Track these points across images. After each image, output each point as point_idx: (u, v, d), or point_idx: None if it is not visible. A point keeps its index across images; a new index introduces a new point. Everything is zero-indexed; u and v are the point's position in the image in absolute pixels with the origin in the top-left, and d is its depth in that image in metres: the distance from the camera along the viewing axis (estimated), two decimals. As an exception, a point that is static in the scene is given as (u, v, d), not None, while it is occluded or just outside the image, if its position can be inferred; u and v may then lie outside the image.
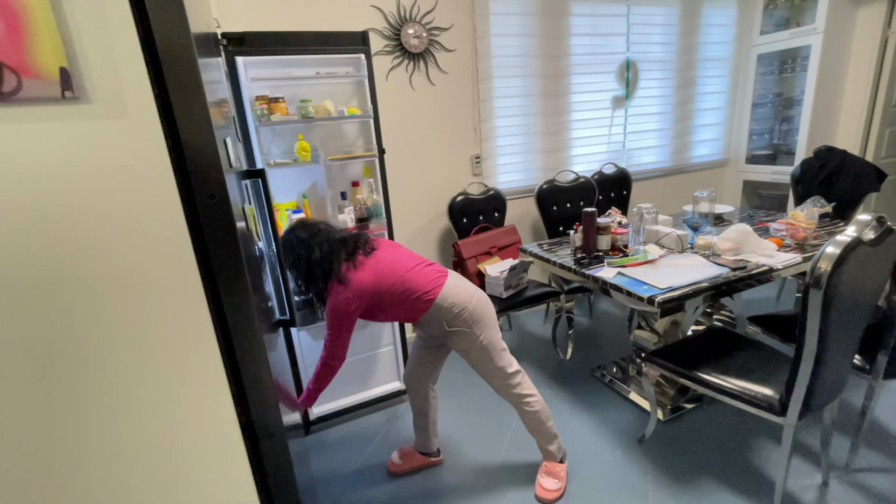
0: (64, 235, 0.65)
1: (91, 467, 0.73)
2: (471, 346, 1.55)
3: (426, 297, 1.49)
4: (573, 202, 3.00)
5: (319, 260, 1.43)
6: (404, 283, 1.48)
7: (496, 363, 1.58)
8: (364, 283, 1.44)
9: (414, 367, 1.77)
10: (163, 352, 0.75)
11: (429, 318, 1.53)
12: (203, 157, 0.73)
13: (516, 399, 1.64)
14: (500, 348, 1.59)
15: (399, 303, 1.49)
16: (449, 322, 1.52)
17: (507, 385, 1.61)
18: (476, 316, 1.53)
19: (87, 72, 0.62)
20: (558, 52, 2.96)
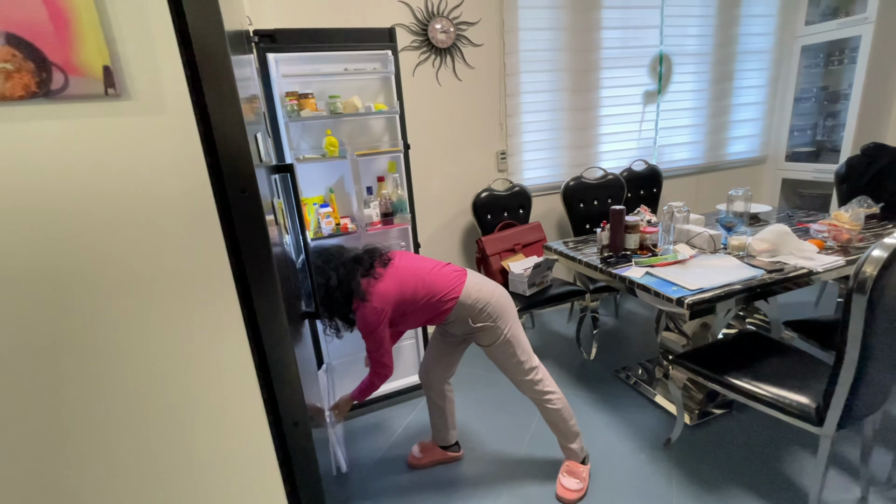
0: (104, 225, 0.68)
1: (119, 451, 0.77)
2: (495, 341, 1.56)
3: (450, 297, 1.51)
4: (600, 200, 2.94)
5: (338, 284, 1.44)
6: (426, 285, 1.51)
7: (519, 357, 1.59)
8: (388, 290, 1.47)
9: (430, 364, 1.78)
10: (193, 340, 0.77)
11: (454, 318, 1.55)
12: (234, 152, 0.75)
13: (538, 395, 1.63)
14: (523, 342, 1.60)
15: (423, 307, 1.52)
16: (474, 318, 1.53)
17: (529, 381, 1.61)
18: (499, 310, 1.55)
19: (128, 70, 0.65)
20: (588, 45, 2.89)
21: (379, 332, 1.48)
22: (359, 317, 1.47)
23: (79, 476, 0.75)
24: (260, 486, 0.89)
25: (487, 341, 1.57)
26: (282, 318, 0.85)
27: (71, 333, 0.69)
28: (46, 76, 0.61)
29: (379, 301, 1.46)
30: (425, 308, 1.52)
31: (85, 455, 0.74)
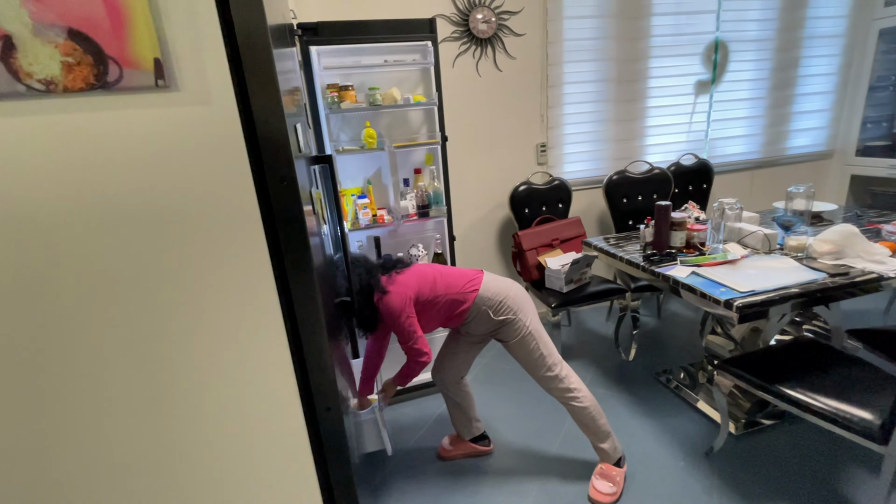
0: (150, 211, 0.71)
1: (157, 430, 0.81)
2: (518, 335, 1.56)
3: (469, 289, 1.54)
4: (645, 195, 2.81)
5: (360, 288, 1.49)
6: (445, 280, 1.56)
7: (542, 352, 1.58)
8: (408, 281, 1.53)
9: (444, 363, 1.77)
10: (231, 324, 0.80)
11: (474, 315, 1.56)
12: (275, 142, 0.77)
13: (563, 393, 1.61)
14: (545, 338, 1.61)
15: (443, 304, 1.54)
16: (495, 311, 1.55)
17: (553, 377, 1.59)
18: (518, 303, 1.57)
19: (177, 62, 0.67)
20: (637, 33, 2.76)
21: (405, 317, 1.49)
22: (383, 309, 1.50)
23: (127, 444, 0.80)
24: (292, 467, 0.91)
25: (510, 336, 1.57)
26: (317, 306, 0.86)
27: (121, 312, 0.74)
28: (103, 69, 0.64)
29: (400, 288, 1.50)
30: (445, 305, 1.54)
31: (132, 426, 0.79)
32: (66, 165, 0.66)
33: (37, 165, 0.65)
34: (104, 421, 0.77)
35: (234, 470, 0.88)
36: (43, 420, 0.73)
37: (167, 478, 0.84)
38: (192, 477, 0.85)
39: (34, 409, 0.72)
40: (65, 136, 0.65)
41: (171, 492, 0.84)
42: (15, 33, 0.60)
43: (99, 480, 0.79)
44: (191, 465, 0.85)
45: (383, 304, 1.50)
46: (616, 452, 1.68)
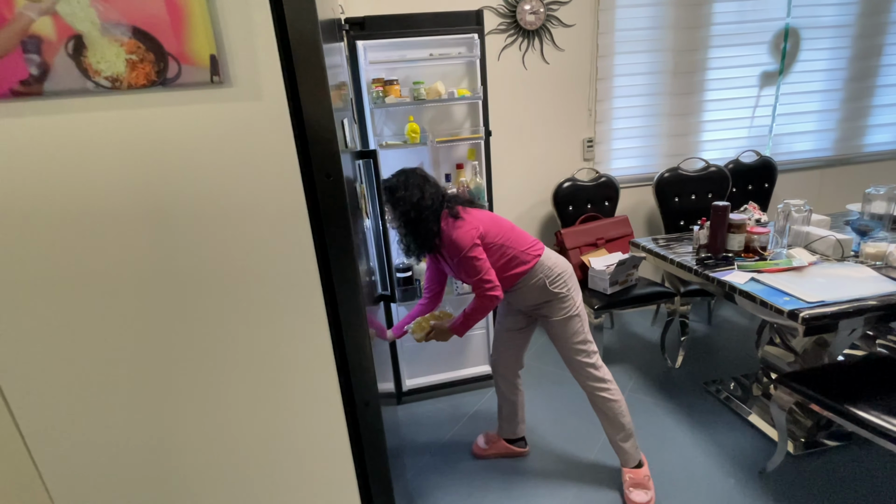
0: (204, 204, 0.73)
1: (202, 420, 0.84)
2: (566, 313, 1.52)
3: (532, 252, 1.51)
4: (699, 194, 2.66)
5: (430, 204, 1.43)
6: (514, 231, 1.53)
7: (586, 336, 1.55)
8: (480, 217, 1.47)
9: (500, 352, 1.76)
10: (275, 317, 0.82)
11: (531, 279, 1.51)
12: (322, 137, 0.77)
13: (595, 382, 1.56)
14: (587, 323, 1.57)
15: (505, 256, 1.48)
16: (551, 282, 1.50)
17: (589, 364, 1.55)
18: (573, 281, 1.55)
19: (231, 58, 0.68)
20: (696, 21, 2.60)
21: (474, 250, 1.41)
22: (447, 239, 1.42)
23: (186, 430, 0.84)
24: (331, 458, 0.93)
25: (557, 312, 1.52)
26: (360, 300, 0.87)
27: (175, 302, 0.77)
28: (163, 66, 0.66)
29: (472, 219, 1.44)
30: (506, 259, 1.48)
31: (192, 414, 0.83)
32: (129, 160, 0.69)
33: (104, 161, 0.68)
34: (174, 412, 0.81)
35: (275, 459, 0.90)
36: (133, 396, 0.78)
37: (211, 462, 0.87)
38: (232, 464, 0.88)
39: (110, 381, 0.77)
40: (128, 132, 0.68)
41: (215, 476, 0.88)
42: (85, 32, 0.63)
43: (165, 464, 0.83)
44: (231, 453, 0.88)
45: (450, 231, 1.42)
46: (637, 454, 1.63)
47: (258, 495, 0.91)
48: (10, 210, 0.67)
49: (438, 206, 1.45)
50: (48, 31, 0.62)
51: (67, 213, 0.69)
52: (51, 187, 0.68)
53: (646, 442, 1.88)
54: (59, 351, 0.74)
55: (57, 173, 0.68)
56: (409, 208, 1.44)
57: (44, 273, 0.70)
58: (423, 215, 1.44)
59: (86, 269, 0.72)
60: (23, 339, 0.72)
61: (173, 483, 0.86)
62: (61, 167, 0.67)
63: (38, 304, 0.72)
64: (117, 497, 0.84)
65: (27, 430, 0.77)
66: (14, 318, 0.71)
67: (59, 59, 0.64)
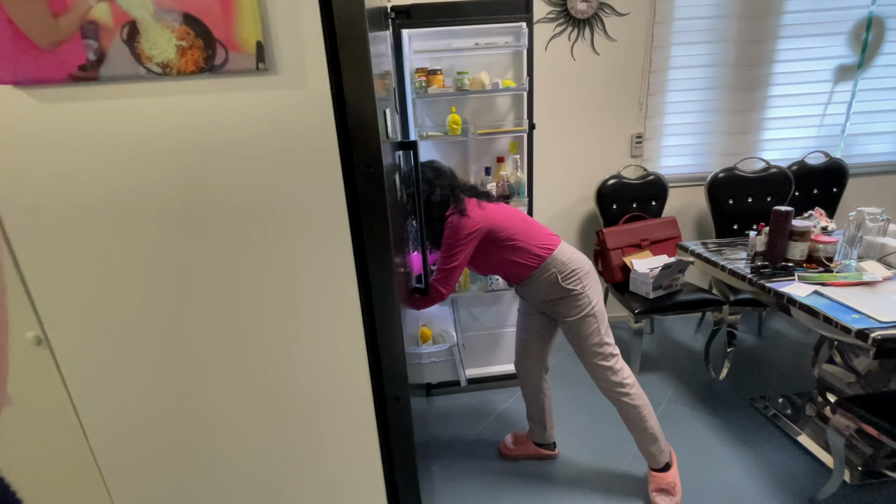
0: (244, 192, 0.74)
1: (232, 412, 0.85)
2: (580, 313, 1.46)
3: (545, 246, 1.46)
4: (757, 197, 2.48)
5: (439, 201, 1.43)
6: (527, 225, 1.49)
7: (602, 337, 1.48)
8: (488, 216, 1.44)
9: (521, 355, 1.71)
10: (313, 309, 0.82)
11: (542, 273, 1.47)
12: (364, 129, 0.76)
13: (615, 387, 1.50)
14: (606, 323, 1.50)
15: (516, 249, 1.45)
16: (564, 278, 1.45)
17: (607, 367, 1.49)
18: (589, 278, 1.48)
19: (277, 46, 0.68)
20: (766, 9, 2.40)
21: (461, 247, 1.41)
22: (448, 225, 1.42)
23: (217, 419, 0.86)
24: (359, 451, 0.93)
25: (571, 311, 1.46)
26: (394, 295, 0.85)
27: (214, 292, 0.78)
28: (212, 52, 0.66)
29: (478, 216, 1.42)
30: (515, 252, 1.45)
31: (224, 404, 0.85)
32: (176, 146, 0.70)
33: (152, 146, 0.70)
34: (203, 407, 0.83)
35: (305, 450, 0.91)
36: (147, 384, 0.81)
37: (238, 450, 0.89)
38: (263, 456, 0.90)
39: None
40: (176, 117, 0.69)
41: (243, 466, 0.90)
42: (139, 19, 0.64)
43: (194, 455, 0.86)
44: (263, 443, 0.89)
45: (451, 220, 1.42)
46: (663, 456, 1.57)
47: (284, 488, 0.92)
48: (67, 193, 0.70)
49: (446, 202, 1.45)
50: (105, 16, 0.64)
51: (112, 197, 0.71)
52: (101, 172, 0.70)
53: (683, 456, 1.79)
54: (108, 328, 0.77)
55: (107, 157, 0.69)
56: (421, 204, 1.43)
57: (96, 252, 0.73)
58: (430, 211, 1.44)
59: (129, 252, 0.74)
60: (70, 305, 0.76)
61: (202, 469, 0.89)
62: (112, 151, 0.69)
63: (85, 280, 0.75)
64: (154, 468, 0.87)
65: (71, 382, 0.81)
66: (64, 288, 0.74)
67: (115, 45, 0.65)
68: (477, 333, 2.28)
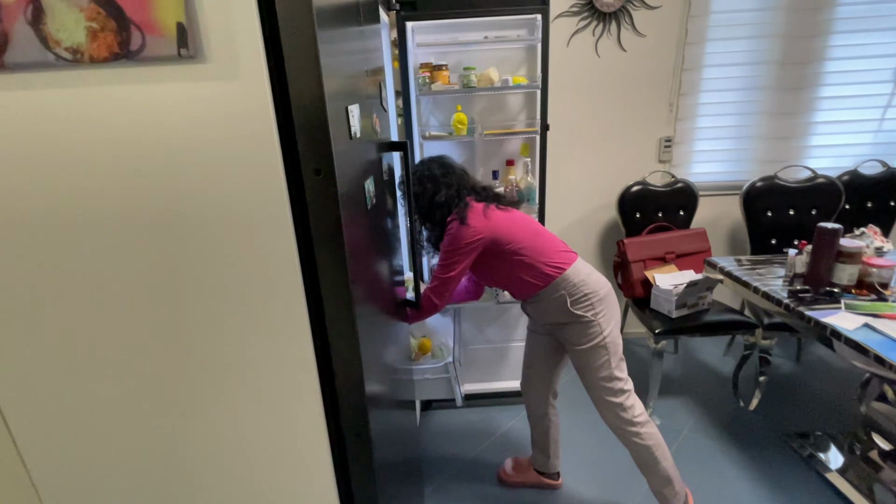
0: (165, 204, 0.64)
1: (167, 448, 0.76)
2: (590, 341, 1.30)
3: (556, 262, 1.31)
4: (800, 209, 2.24)
5: (443, 202, 1.33)
6: (536, 238, 1.33)
7: (612, 371, 1.31)
8: (493, 226, 1.30)
9: (528, 377, 1.57)
10: (251, 333, 0.72)
11: (549, 293, 1.31)
12: (313, 128, 0.65)
13: (624, 425, 1.35)
14: (619, 355, 1.33)
15: (522, 264, 1.31)
16: (573, 301, 1.29)
17: (616, 404, 1.33)
18: (604, 305, 1.31)
19: (203, 28, 0.58)
20: (817, 2, 2.16)
21: (458, 257, 1.29)
22: (448, 231, 1.31)
23: (140, 454, 0.77)
24: (313, 497, 0.82)
25: (580, 339, 1.31)
26: (351, 318, 0.74)
27: (126, 311, 0.69)
28: (126, 35, 0.57)
29: (481, 226, 1.29)
30: (524, 266, 1.31)
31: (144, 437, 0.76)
32: (94, 145, 0.61)
33: (70, 143, 0.61)
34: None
35: (250, 495, 0.81)
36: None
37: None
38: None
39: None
40: (93, 112, 0.60)
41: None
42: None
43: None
44: (202, 490, 0.80)
45: (452, 228, 1.30)
46: (678, 499, 1.40)
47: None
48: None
49: (450, 206, 1.33)
50: (8, -6, 0.55)
51: (29, 202, 0.63)
52: (14, 170, 0.62)
53: (702, 496, 1.61)
54: (31, 357, 0.70)
55: (17, 156, 0.61)
56: (423, 204, 1.35)
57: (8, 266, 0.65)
58: (433, 213, 1.34)
59: (44, 261, 0.66)
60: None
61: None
62: (23, 150, 0.61)
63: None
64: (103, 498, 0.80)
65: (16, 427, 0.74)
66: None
67: (19, 28, 0.57)
68: (482, 347, 2.15)
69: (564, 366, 1.54)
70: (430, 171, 1.36)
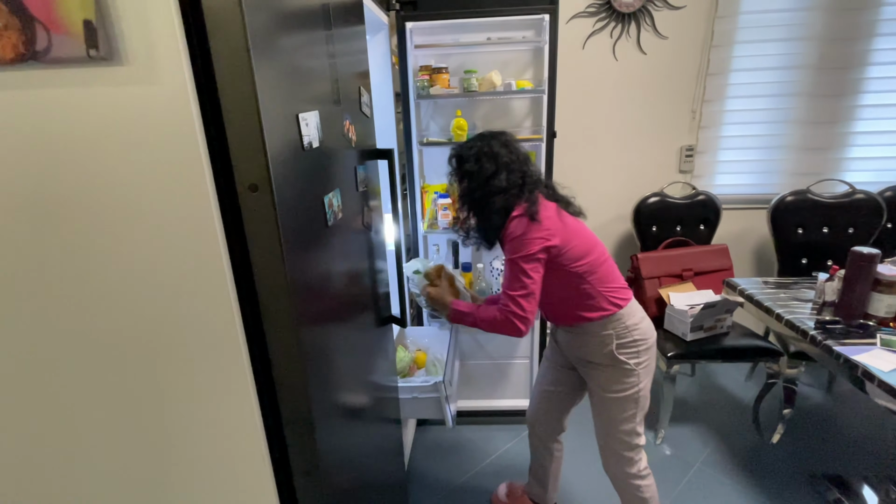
0: (76, 228, 0.58)
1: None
2: (624, 392, 1.16)
3: (615, 297, 1.14)
4: (836, 227, 2.06)
5: (504, 187, 1.11)
6: (604, 263, 1.15)
7: (635, 426, 1.20)
8: (564, 230, 1.11)
9: (537, 409, 1.45)
10: (181, 372, 0.65)
11: (596, 329, 1.15)
12: (246, 139, 0.57)
13: (627, 478, 1.23)
14: (645, 410, 1.21)
15: (581, 289, 1.12)
16: (620, 345, 1.14)
17: (626, 458, 1.22)
18: (650, 356, 1.18)
19: (116, 27, 0.51)
20: (859, 1, 1.98)
21: (533, 262, 1.07)
22: (511, 231, 1.09)
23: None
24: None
25: (613, 385, 1.16)
26: (297, 346, 0.67)
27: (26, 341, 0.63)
28: (31, 34, 0.51)
29: (552, 225, 1.09)
30: (578, 290, 1.12)
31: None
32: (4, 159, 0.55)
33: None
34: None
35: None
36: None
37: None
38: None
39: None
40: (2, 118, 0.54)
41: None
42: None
43: None
44: None
45: (518, 225, 1.09)
46: None
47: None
48: None
49: (516, 193, 1.11)
50: None
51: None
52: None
53: (711, 543, 1.47)
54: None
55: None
56: (476, 186, 1.13)
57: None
58: (489, 199, 1.12)
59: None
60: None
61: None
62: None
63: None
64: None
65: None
66: None
67: (-80, 25, 0.51)
68: (482, 362, 2.05)
69: (579, 403, 1.41)
70: (490, 147, 1.14)
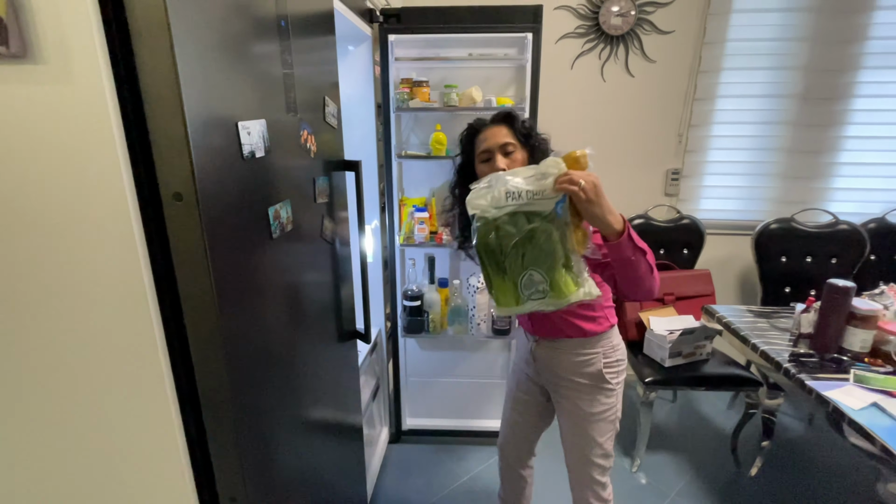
0: None
1: None
2: (603, 413, 1.13)
3: (610, 314, 1.12)
4: (819, 256, 2.04)
5: None
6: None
7: (608, 451, 1.16)
8: None
9: (506, 434, 1.40)
10: (97, 396, 0.61)
11: (586, 346, 1.10)
12: (170, 144, 0.55)
13: (596, 501, 1.19)
14: (618, 429, 1.18)
15: None
16: (608, 364, 1.11)
17: (599, 482, 1.18)
18: (624, 377, 1.17)
19: (26, 21, 0.49)
20: (847, 34, 2.00)
21: None
22: None
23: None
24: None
25: (594, 406, 1.12)
26: (219, 365, 0.63)
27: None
28: (-60, 28, 0.48)
29: None
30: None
31: None
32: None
33: None
34: None
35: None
36: None
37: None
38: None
39: None
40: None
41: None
42: None
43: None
44: None
45: None
46: None
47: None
48: None
49: None
50: None
51: None
52: None
53: (680, 580, 1.41)
54: None
55: None
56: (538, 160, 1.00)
57: None
58: None
59: None
60: None
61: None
62: None
63: None
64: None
65: None
66: None
67: None
68: (456, 380, 2.01)
69: (548, 426, 1.36)
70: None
